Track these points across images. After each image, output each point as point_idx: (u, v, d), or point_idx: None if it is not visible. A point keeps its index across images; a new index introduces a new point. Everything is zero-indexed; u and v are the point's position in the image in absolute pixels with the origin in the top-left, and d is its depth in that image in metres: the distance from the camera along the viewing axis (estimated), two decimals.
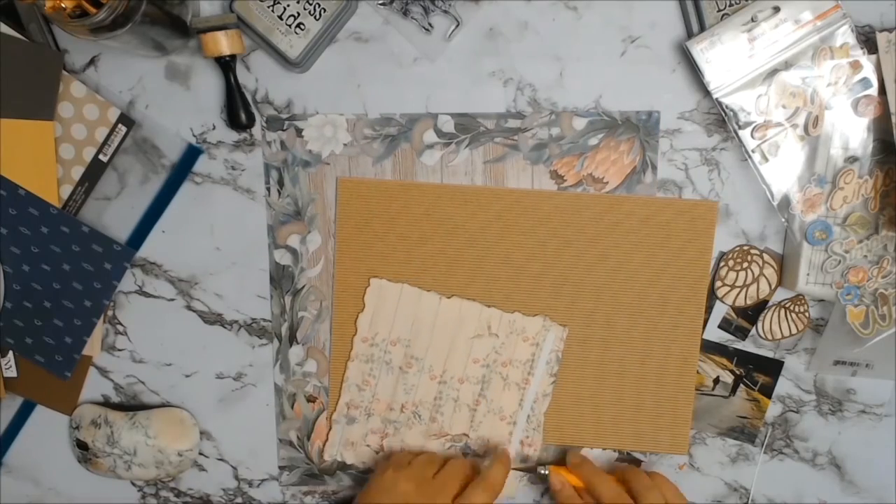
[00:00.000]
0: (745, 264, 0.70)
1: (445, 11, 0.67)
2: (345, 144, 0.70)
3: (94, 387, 0.74)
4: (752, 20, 0.64)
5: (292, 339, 0.73)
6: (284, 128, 0.70)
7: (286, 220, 0.71)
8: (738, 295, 0.70)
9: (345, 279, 0.71)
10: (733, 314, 0.71)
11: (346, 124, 0.69)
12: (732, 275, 0.70)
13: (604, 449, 0.72)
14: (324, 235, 0.71)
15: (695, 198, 0.70)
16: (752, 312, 0.71)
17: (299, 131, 0.70)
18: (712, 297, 0.71)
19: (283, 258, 0.71)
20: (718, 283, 0.70)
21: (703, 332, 0.71)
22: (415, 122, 0.69)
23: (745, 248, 0.70)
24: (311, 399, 0.73)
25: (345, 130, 0.69)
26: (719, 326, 0.71)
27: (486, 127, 0.69)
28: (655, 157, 0.69)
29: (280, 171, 0.70)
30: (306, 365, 0.73)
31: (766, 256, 0.70)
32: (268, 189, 0.71)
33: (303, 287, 0.72)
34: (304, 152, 0.70)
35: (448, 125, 0.69)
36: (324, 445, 0.73)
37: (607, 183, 0.70)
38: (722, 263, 0.70)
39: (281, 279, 0.72)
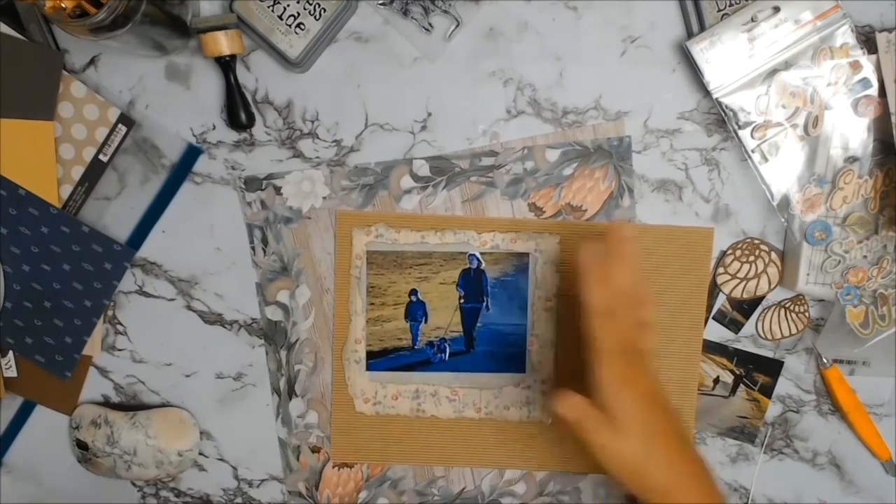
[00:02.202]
0: (752, 258, 0.70)
1: (445, 11, 0.67)
2: (324, 198, 0.70)
3: (94, 387, 0.74)
4: (752, 20, 0.64)
5: (291, 392, 0.73)
6: (263, 187, 0.70)
7: (274, 276, 0.71)
8: (737, 286, 0.70)
9: (345, 316, 0.71)
10: (728, 307, 0.71)
11: (323, 178, 0.70)
12: (737, 265, 0.70)
13: None
14: (313, 288, 0.71)
15: (695, 198, 0.70)
16: (748, 307, 0.71)
17: (278, 189, 0.70)
18: (714, 289, 0.71)
19: (275, 314, 0.72)
20: (721, 271, 0.70)
21: (700, 354, 0.71)
22: (390, 170, 0.70)
23: (756, 241, 0.70)
24: (315, 450, 0.73)
25: (322, 184, 0.70)
26: (713, 318, 0.71)
27: (461, 167, 0.69)
28: (631, 181, 0.69)
29: (263, 229, 0.71)
30: (308, 417, 0.73)
31: (773, 255, 0.70)
32: (252, 248, 0.71)
33: (296, 341, 0.72)
34: (285, 209, 0.70)
35: (423, 169, 0.70)
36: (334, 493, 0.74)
37: (586, 210, 0.70)
38: (729, 251, 0.70)
39: (274, 335, 0.72)
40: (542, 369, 0.71)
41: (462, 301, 0.71)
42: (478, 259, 0.70)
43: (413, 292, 0.71)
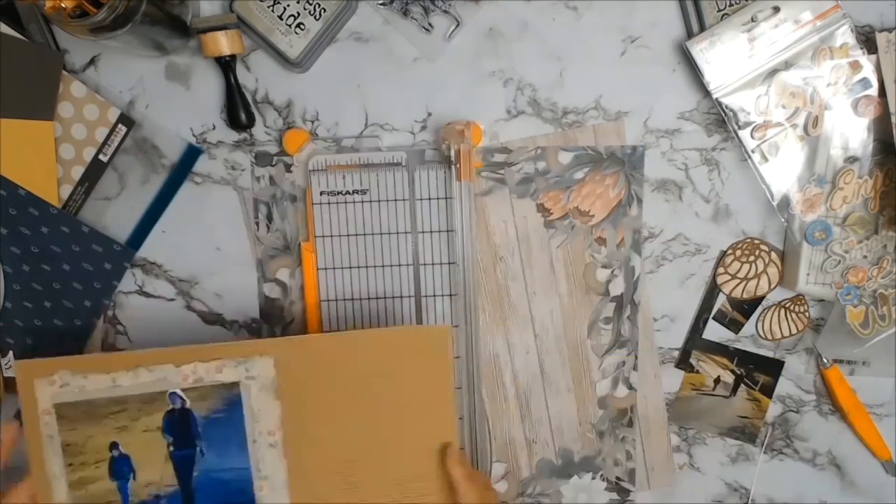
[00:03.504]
0: (752, 258, 0.70)
1: (445, 11, 0.67)
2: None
3: None
4: (752, 20, 0.64)
5: None
6: (273, 163, 0.70)
7: (275, 254, 0.71)
8: (737, 286, 0.71)
9: (44, 482, 0.62)
10: (728, 307, 0.71)
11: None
12: (737, 265, 0.70)
13: None
14: None
15: (695, 198, 0.70)
16: (748, 307, 0.71)
17: (288, 166, 0.70)
18: (714, 289, 0.71)
19: (273, 291, 0.72)
20: (721, 271, 0.70)
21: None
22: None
23: (756, 241, 0.70)
24: None
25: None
26: (713, 318, 0.71)
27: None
28: (641, 191, 0.69)
29: (269, 205, 0.70)
30: None
31: (773, 255, 0.70)
32: (256, 224, 0.71)
33: (291, 321, 0.72)
34: (293, 187, 0.70)
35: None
36: None
37: (593, 216, 0.70)
38: (729, 251, 0.70)
39: (270, 312, 0.72)
40: None
41: (171, 449, 0.62)
42: (180, 397, 0.61)
43: (114, 445, 0.61)
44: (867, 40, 0.66)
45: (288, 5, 0.65)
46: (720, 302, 0.71)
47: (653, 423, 0.73)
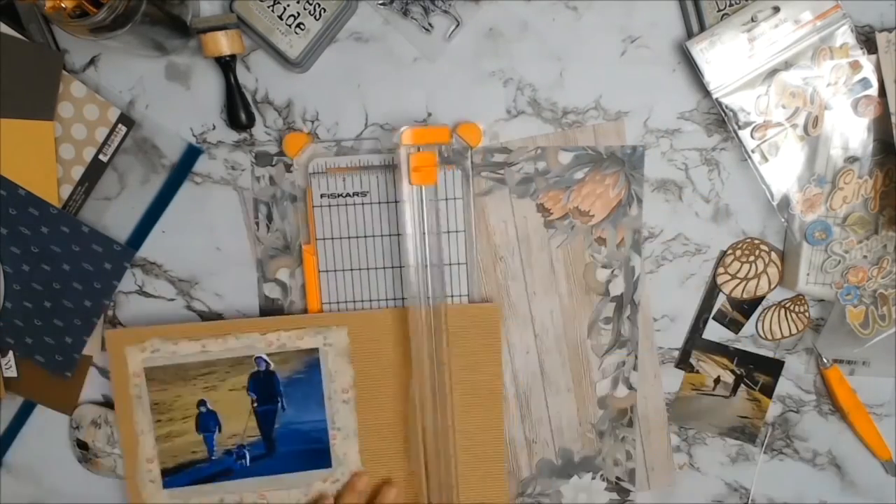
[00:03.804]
0: (752, 258, 0.70)
1: (445, 11, 0.67)
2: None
3: (94, 387, 0.74)
4: (752, 20, 0.64)
5: None
6: (273, 163, 0.70)
7: (275, 254, 0.71)
8: (737, 286, 0.71)
9: (131, 437, 0.70)
10: (728, 307, 0.71)
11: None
12: (737, 265, 0.70)
13: None
14: None
15: (695, 198, 0.70)
16: (748, 307, 0.71)
17: (288, 166, 0.70)
18: (714, 289, 0.71)
19: (273, 292, 0.72)
20: (721, 271, 0.70)
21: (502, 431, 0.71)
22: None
23: (756, 241, 0.70)
24: None
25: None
26: (713, 318, 0.71)
27: (473, 161, 0.69)
28: (641, 191, 0.69)
29: (269, 205, 0.70)
30: None
31: (773, 255, 0.70)
32: (256, 224, 0.71)
33: None
34: (293, 187, 0.70)
35: None
36: None
37: (593, 216, 0.70)
38: (729, 251, 0.70)
39: (270, 312, 0.72)
40: (348, 461, 0.71)
41: (255, 405, 0.70)
42: (265, 361, 0.70)
43: (201, 403, 0.70)
44: (867, 40, 0.66)
45: (288, 5, 0.65)
46: (720, 302, 0.71)
47: (653, 423, 0.73)
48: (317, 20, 0.65)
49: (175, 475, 0.71)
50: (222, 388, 0.69)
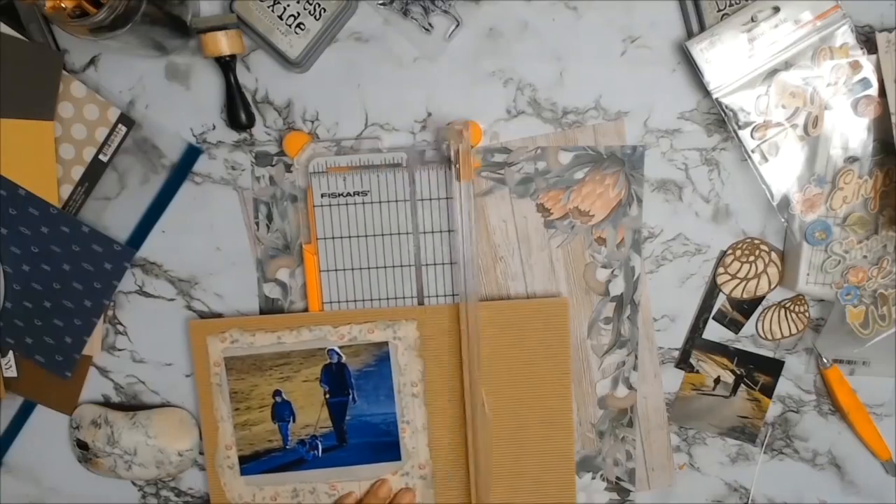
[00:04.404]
0: (752, 258, 0.70)
1: (445, 11, 0.67)
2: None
3: (94, 387, 0.74)
4: (752, 20, 0.64)
5: None
6: (273, 163, 0.70)
7: (275, 254, 0.71)
8: (737, 286, 0.71)
9: (212, 423, 0.72)
10: (728, 307, 0.71)
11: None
12: (737, 265, 0.70)
13: None
14: None
15: (695, 198, 0.70)
16: (748, 307, 0.71)
17: (288, 166, 0.70)
18: (714, 289, 0.71)
19: (273, 292, 0.72)
20: (721, 271, 0.70)
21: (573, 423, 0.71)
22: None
23: (756, 241, 0.70)
24: None
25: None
26: (713, 318, 0.71)
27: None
28: (641, 191, 0.69)
29: (269, 205, 0.70)
30: None
31: (773, 255, 0.70)
32: (256, 224, 0.71)
33: None
34: (293, 187, 0.70)
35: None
36: None
37: (593, 216, 0.70)
38: (729, 251, 0.70)
39: (270, 312, 0.72)
40: (418, 454, 0.72)
41: (328, 396, 0.71)
42: (337, 353, 0.71)
43: (277, 393, 0.71)
44: (867, 40, 0.66)
45: (288, 5, 0.65)
46: (720, 302, 0.71)
47: (653, 423, 0.73)
48: (317, 20, 0.65)
49: (251, 462, 0.72)
50: (296, 378, 0.71)
